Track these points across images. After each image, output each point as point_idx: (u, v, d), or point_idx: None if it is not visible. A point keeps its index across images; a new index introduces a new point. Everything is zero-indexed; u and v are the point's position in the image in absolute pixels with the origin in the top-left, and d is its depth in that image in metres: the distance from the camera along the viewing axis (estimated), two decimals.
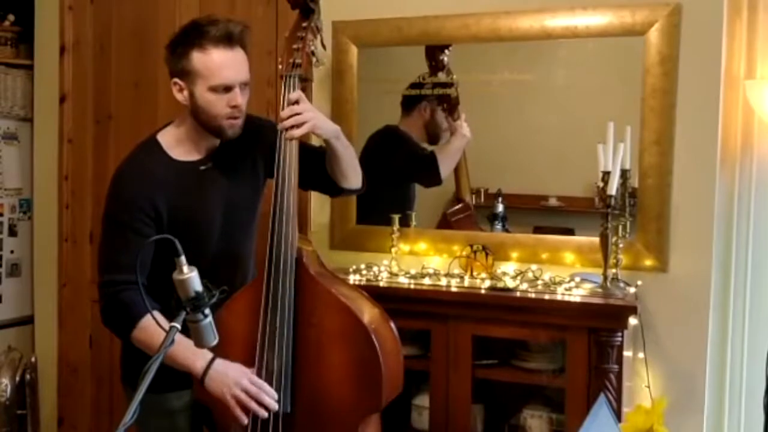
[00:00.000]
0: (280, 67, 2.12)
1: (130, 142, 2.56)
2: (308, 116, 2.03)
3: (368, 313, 2.09)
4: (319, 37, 2.19)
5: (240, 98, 2.07)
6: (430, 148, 2.98)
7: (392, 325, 2.14)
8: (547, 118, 2.82)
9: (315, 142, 2.32)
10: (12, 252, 3.67)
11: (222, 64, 2.04)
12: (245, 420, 1.98)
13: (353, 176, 2.27)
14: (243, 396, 1.96)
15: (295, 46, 2.13)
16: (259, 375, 2.02)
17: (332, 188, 2.30)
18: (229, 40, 2.04)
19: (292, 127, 2.01)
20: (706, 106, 2.58)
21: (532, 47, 2.80)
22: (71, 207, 3.56)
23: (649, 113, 2.62)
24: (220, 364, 1.99)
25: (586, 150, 2.51)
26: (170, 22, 3.28)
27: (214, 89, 2.05)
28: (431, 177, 2.96)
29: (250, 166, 2.24)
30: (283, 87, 2.09)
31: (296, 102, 2.04)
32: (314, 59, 2.16)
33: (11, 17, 3.65)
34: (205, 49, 2.03)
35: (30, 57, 3.68)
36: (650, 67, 2.62)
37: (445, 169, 2.94)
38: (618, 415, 2.29)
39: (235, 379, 1.97)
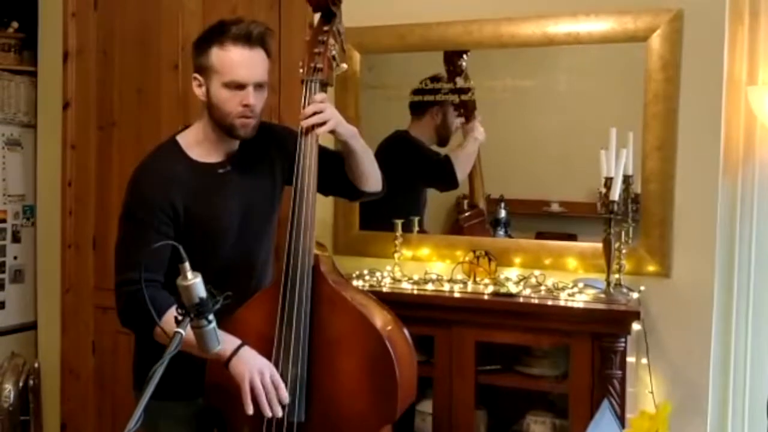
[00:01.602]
0: (300, 71, 2.11)
1: (133, 148, 2.58)
2: (330, 114, 2.06)
3: (383, 320, 2.07)
4: (339, 41, 2.18)
5: (252, 98, 2.07)
6: (443, 152, 2.98)
7: (406, 332, 2.12)
8: (550, 123, 2.82)
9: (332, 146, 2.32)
10: (15, 258, 3.68)
11: (237, 61, 2.05)
12: (251, 410, 1.94)
13: (373, 179, 2.27)
14: (259, 387, 1.94)
15: (316, 50, 2.11)
16: None
17: (352, 192, 2.29)
18: (248, 39, 2.06)
19: (314, 125, 2.03)
20: (708, 112, 2.59)
21: (535, 53, 2.80)
22: (74, 213, 3.57)
23: (652, 119, 2.62)
24: (249, 350, 1.98)
25: (589, 155, 2.52)
26: (173, 29, 3.30)
27: (227, 85, 2.06)
28: (448, 181, 2.96)
29: (269, 172, 2.24)
30: (303, 92, 2.09)
31: (320, 102, 2.06)
32: (335, 64, 2.15)
33: (15, 24, 3.67)
34: (224, 45, 2.05)
35: (33, 63, 3.70)
36: (652, 72, 2.62)
37: (461, 172, 2.93)
38: (621, 420, 2.28)
39: (260, 368, 1.95)
